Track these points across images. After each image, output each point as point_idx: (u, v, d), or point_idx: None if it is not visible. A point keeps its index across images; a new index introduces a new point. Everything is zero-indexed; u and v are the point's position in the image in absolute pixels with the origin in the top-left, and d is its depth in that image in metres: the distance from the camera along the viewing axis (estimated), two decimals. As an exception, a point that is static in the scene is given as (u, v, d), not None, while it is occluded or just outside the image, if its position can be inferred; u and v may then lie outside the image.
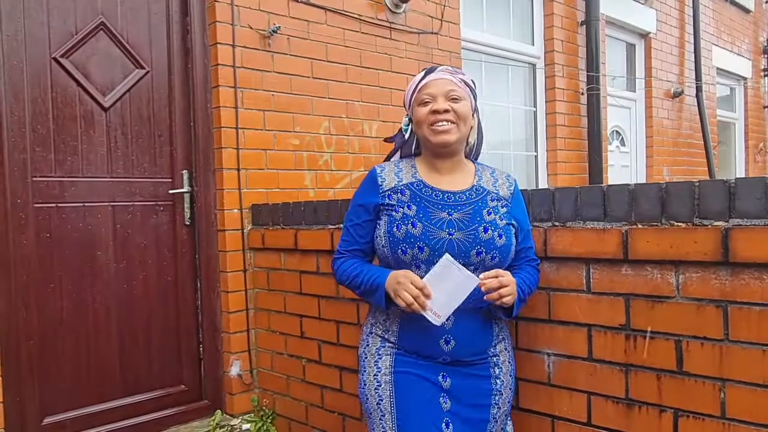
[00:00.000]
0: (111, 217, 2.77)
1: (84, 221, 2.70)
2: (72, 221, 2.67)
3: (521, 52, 4.94)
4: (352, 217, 1.72)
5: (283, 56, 3.24)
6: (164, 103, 2.95)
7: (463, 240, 1.56)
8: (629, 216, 1.61)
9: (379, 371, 1.64)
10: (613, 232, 1.63)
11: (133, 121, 2.85)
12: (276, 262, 2.89)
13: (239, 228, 3.03)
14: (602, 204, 1.67)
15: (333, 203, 2.55)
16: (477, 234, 1.56)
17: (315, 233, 2.62)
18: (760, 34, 8.38)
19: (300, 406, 2.78)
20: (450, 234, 1.56)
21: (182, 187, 2.98)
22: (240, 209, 3.03)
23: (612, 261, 1.64)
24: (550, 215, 1.79)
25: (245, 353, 3.03)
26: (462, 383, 1.61)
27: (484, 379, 1.63)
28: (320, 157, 3.41)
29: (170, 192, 2.95)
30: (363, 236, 1.69)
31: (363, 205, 1.69)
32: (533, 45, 5.03)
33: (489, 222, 1.58)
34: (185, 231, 3.00)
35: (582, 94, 5.20)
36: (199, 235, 3.01)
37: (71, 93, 2.68)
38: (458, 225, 1.57)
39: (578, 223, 1.72)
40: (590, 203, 1.69)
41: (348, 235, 1.73)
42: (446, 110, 1.60)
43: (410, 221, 1.57)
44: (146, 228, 2.88)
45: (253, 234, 3.02)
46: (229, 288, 3.00)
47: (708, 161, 6.42)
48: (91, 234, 2.71)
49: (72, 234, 2.66)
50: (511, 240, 1.61)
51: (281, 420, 2.92)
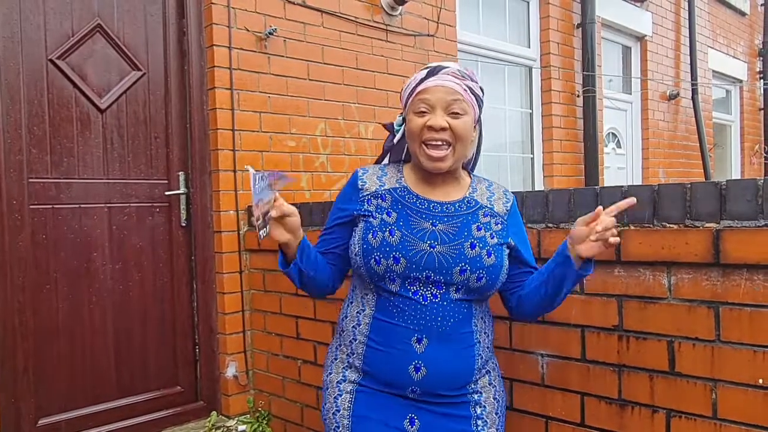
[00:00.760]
0: (107, 219, 2.78)
1: (80, 223, 2.70)
2: (68, 222, 2.67)
3: (517, 55, 4.96)
4: (331, 222, 1.56)
5: (280, 58, 3.25)
6: (160, 105, 2.96)
7: (446, 254, 1.36)
8: (622, 217, 1.62)
9: (338, 411, 1.46)
10: (606, 234, 1.63)
11: (130, 123, 2.86)
12: (272, 264, 2.89)
13: (235, 229, 3.04)
14: (595, 206, 1.66)
15: (329, 205, 2.55)
16: (462, 249, 1.37)
17: (311, 235, 2.61)
18: (756, 37, 8.42)
19: (295, 408, 2.79)
20: (431, 246, 1.37)
21: (178, 189, 2.99)
22: (236, 210, 3.04)
23: (605, 262, 1.64)
24: (544, 217, 1.80)
25: (241, 354, 3.04)
26: (433, 424, 1.39)
27: (462, 421, 1.41)
28: (316, 159, 3.42)
29: (166, 193, 2.96)
30: (340, 243, 1.52)
31: (342, 210, 1.52)
32: (529, 47, 5.05)
33: (477, 238, 1.39)
34: (181, 232, 3.00)
35: (578, 97, 5.22)
36: (195, 237, 3.01)
37: (67, 94, 2.68)
38: (441, 237, 1.38)
39: (572, 225, 1.72)
40: (583, 205, 1.70)
41: (323, 237, 1.58)
42: (443, 128, 1.37)
43: (388, 228, 1.39)
44: (142, 229, 2.88)
45: (250, 235, 3.03)
46: (225, 289, 3.00)
47: (704, 163, 6.44)
48: (87, 235, 2.72)
49: (68, 235, 2.66)
50: (503, 261, 1.42)
51: (277, 421, 2.92)
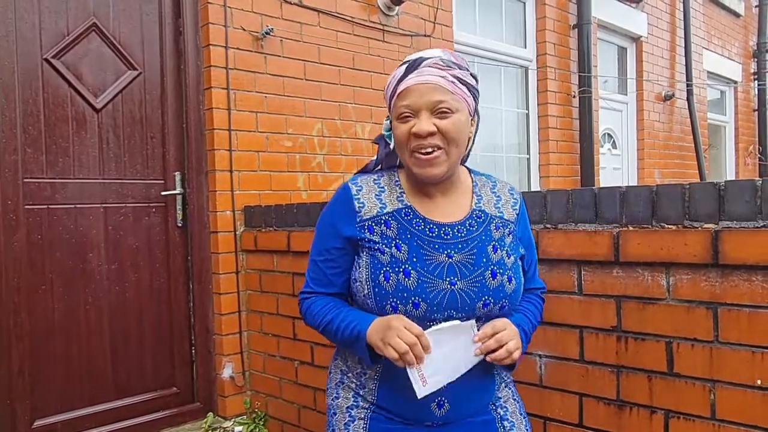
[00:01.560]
0: (103, 219, 2.76)
1: (75, 223, 2.69)
2: (63, 223, 2.65)
3: (513, 55, 4.96)
4: (322, 251, 1.33)
5: (276, 58, 3.24)
6: (156, 105, 2.94)
7: (468, 290, 1.23)
8: (620, 218, 1.62)
9: None
10: (605, 234, 1.64)
11: (126, 123, 2.85)
12: (269, 264, 2.88)
13: (232, 230, 3.02)
14: (593, 206, 1.68)
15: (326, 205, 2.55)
16: (484, 281, 1.24)
17: (308, 235, 2.61)
18: (750, 38, 8.45)
19: (292, 409, 2.78)
20: (451, 284, 1.22)
21: (174, 189, 2.97)
22: (233, 211, 3.03)
23: (603, 263, 1.65)
24: (542, 217, 1.80)
25: (237, 355, 3.03)
26: None
27: (488, 425, 1.32)
28: (313, 159, 3.41)
29: (162, 194, 2.94)
30: (338, 275, 1.32)
31: (335, 235, 1.31)
32: (525, 48, 5.06)
33: (496, 263, 1.26)
34: (177, 233, 2.99)
35: (574, 97, 5.23)
36: (192, 237, 3.00)
37: (63, 94, 2.67)
38: (461, 271, 1.23)
39: (570, 225, 1.73)
40: (581, 205, 1.70)
41: (318, 272, 1.34)
42: (431, 133, 1.20)
43: (402, 268, 1.22)
44: (138, 230, 2.87)
45: (246, 236, 3.02)
46: (222, 290, 2.99)
47: (699, 164, 6.46)
48: (83, 236, 2.70)
49: (63, 236, 2.65)
50: (521, 280, 1.32)
51: (273, 422, 2.91)
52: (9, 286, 2.49)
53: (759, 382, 1.39)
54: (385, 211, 1.28)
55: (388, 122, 1.34)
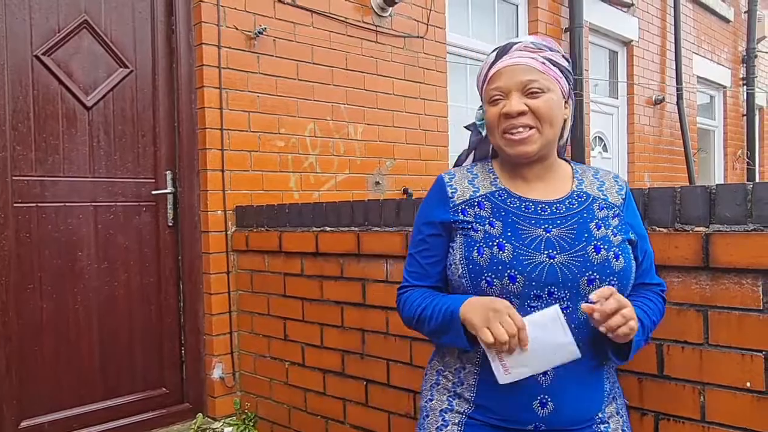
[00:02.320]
0: (92, 218, 2.74)
1: (65, 221, 2.66)
2: (52, 221, 2.63)
3: (506, 58, 4.97)
4: (418, 241, 1.32)
5: (269, 58, 3.23)
6: (148, 103, 2.93)
7: (569, 264, 1.15)
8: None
9: None
10: (597, 237, 1.64)
11: (117, 121, 2.83)
12: (260, 264, 2.87)
13: (223, 230, 3.01)
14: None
15: (318, 205, 2.54)
16: (587, 255, 1.16)
17: (299, 235, 2.61)
18: (739, 44, 8.53)
19: (283, 409, 2.77)
20: (550, 257, 1.16)
21: (165, 188, 2.96)
22: (224, 211, 3.01)
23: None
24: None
25: (228, 356, 3.01)
26: None
27: None
28: (305, 159, 3.40)
29: (153, 193, 2.93)
30: (434, 264, 1.28)
31: (430, 223, 1.29)
32: (518, 50, 5.06)
33: (600, 239, 1.18)
34: (168, 232, 2.97)
35: (565, 100, 5.24)
36: (182, 237, 2.99)
37: (53, 91, 2.64)
38: (560, 244, 1.17)
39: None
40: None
41: (414, 265, 1.32)
42: (521, 112, 1.19)
43: (496, 242, 1.18)
44: (128, 229, 2.85)
45: (237, 236, 3.00)
46: (212, 290, 2.98)
47: (688, 168, 6.51)
48: (72, 234, 2.68)
49: (52, 234, 2.63)
50: (630, 262, 1.21)
51: (264, 423, 2.90)
52: (-3, 285, 2.47)
53: (748, 385, 1.40)
54: (478, 194, 1.26)
55: (481, 111, 1.35)
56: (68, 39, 2.68)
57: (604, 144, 6.13)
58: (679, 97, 6.53)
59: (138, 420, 2.82)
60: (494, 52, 1.26)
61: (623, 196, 1.28)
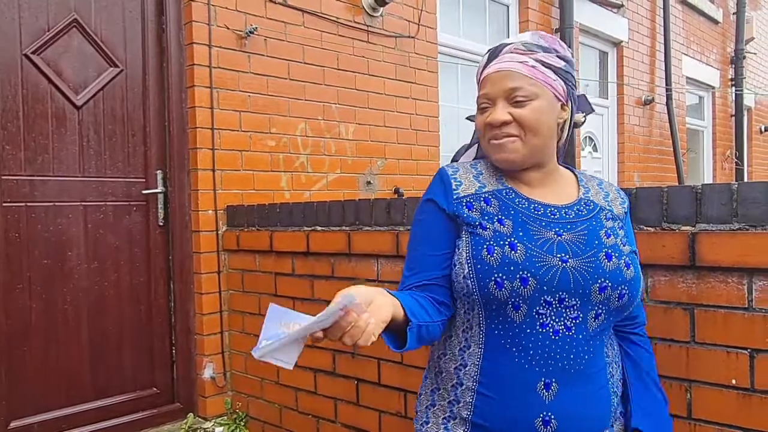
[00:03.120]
0: (82, 217, 2.73)
1: (54, 221, 2.65)
2: (42, 221, 2.62)
3: (497, 58, 4.99)
4: (417, 236, 1.21)
5: (260, 57, 3.23)
6: (138, 102, 2.92)
7: (581, 270, 1.09)
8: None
9: None
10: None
11: (107, 120, 2.82)
12: (251, 264, 2.87)
13: (214, 229, 3.01)
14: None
15: (309, 205, 2.55)
16: (598, 262, 1.10)
17: (290, 235, 2.61)
18: (728, 45, 8.60)
19: (274, 409, 2.77)
20: (563, 261, 1.09)
21: (156, 188, 2.95)
22: (215, 210, 3.01)
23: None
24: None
25: (218, 355, 3.01)
26: None
27: None
28: (296, 159, 3.41)
29: (144, 192, 2.92)
30: (439, 260, 1.16)
31: (431, 210, 1.19)
32: (509, 51, 5.09)
33: (610, 246, 1.13)
34: (159, 232, 2.96)
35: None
36: (173, 236, 2.98)
37: (42, 90, 2.63)
38: (572, 249, 1.11)
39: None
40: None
41: (412, 262, 1.20)
42: (505, 122, 1.14)
43: (507, 241, 1.10)
44: (119, 229, 2.84)
45: (228, 235, 3.00)
46: (203, 290, 2.97)
47: (677, 167, 6.56)
48: (62, 234, 2.67)
49: (42, 234, 2.61)
50: (639, 273, 1.16)
51: (255, 423, 2.90)
52: (-15, 285, 2.45)
53: (734, 382, 1.42)
54: (485, 190, 1.18)
55: None
56: (58, 38, 2.67)
57: (595, 144, 6.17)
58: (669, 98, 6.58)
59: (128, 420, 2.81)
60: (487, 54, 1.22)
61: (625, 210, 1.26)
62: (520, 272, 1.07)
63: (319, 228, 2.49)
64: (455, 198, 1.16)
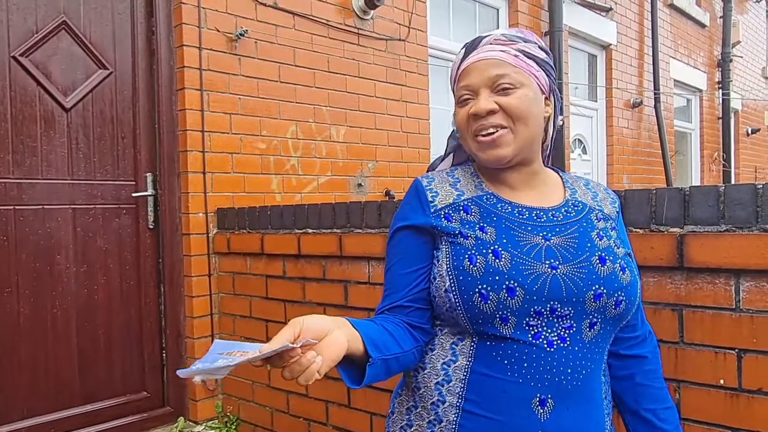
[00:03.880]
0: (71, 220, 2.71)
1: (43, 224, 2.63)
2: (30, 224, 2.60)
3: (487, 61, 5.01)
4: (391, 259, 1.11)
5: (251, 60, 3.22)
6: (128, 105, 2.91)
7: (573, 276, 0.99)
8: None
9: None
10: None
11: (96, 123, 2.80)
12: (242, 267, 2.86)
13: (204, 232, 3.00)
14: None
15: (300, 207, 2.55)
16: (592, 267, 1.01)
17: (281, 237, 2.61)
18: (715, 48, 8.69)
19: (265, 412, 2.76)
20: (553, 267, 0.99)
21: (146, 190, 2.93)
22: (205, 213, 3.00)
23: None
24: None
25: (209, 359, 2.99)
26: None
27: None
28: (287, 162, 3.40)
29: (133, 195, 2.90)
30: (413, 277, 1.07)
31: (407, 227, 1.09)
32: (499, 54, 5.11)
33: (604, 249, 1.04)
34: (148, 235, 2.95)
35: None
36: (163, 239, 2.97)
37: (31, 93, 2.61)
38: (562, 254, 1.01)
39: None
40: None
41: (386, 284, 1.11)
42: (491, 111, 1.04)
43: (490, 249, 1.00)
44: (108, 232, 2.82)
45: (219, 238, 2.99)
46: (194, 293, 2.96)
47: (666, 170, 6.62)
48: (51, 237, 2.65)
49: (30, 237, 2.59)
50: (636, 276, 1.07)
51: (246, 426, 2.89)
52: (-27, 289, 2.43)
53: (722, 382, 1.44)
54: (463, 198, 1.09)
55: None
56: (47, 40, 2.66)
57: (584, 146, 6.21)
58: (657, 101, 6.64)
59: (118, 425, 2.79)
60: (463, 49, 1.12)
61: (617, 209, 1.17)
62: (506, 282, 0.97)
63: (310, 231, 2.49)
64: (433, 211, 1.07)
